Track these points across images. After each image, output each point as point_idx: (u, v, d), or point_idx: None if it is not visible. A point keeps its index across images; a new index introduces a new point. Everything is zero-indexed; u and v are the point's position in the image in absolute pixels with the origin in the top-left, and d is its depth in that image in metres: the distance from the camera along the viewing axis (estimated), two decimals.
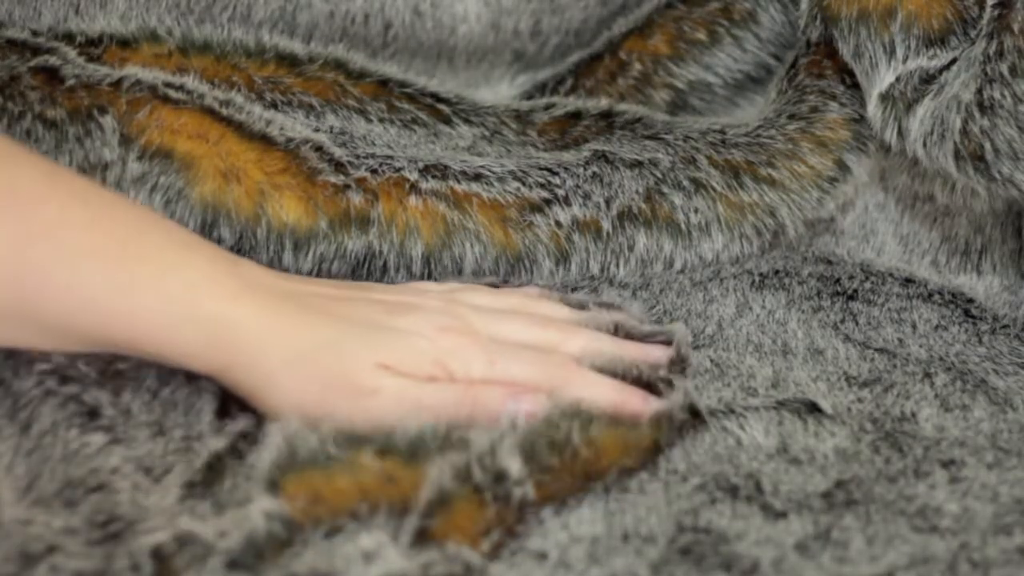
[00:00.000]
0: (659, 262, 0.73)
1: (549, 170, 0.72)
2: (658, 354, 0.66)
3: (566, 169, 0.72)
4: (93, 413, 0.61)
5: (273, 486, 0.56)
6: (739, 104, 0.84)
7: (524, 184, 0.72)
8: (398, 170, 0.70)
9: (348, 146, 0.71)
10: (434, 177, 0.71)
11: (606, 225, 0.72)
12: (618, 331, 0.68)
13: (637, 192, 0.72)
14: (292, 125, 0.70)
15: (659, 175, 0.73)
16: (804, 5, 0.76)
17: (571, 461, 0.59)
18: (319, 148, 0.70)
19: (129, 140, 0.67)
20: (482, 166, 0.72)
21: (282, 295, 0.62)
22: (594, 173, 0.73)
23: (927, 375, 0.69)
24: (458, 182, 0.71)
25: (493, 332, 0.65)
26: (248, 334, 0.60)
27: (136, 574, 0.54)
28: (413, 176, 0.70)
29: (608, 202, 0.72)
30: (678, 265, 0.73)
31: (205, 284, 0.60)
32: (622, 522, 0.58)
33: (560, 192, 0.72)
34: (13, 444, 0.59)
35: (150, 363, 0.64)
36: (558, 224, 0.71)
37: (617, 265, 0.72)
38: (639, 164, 0.73)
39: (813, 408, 0.66)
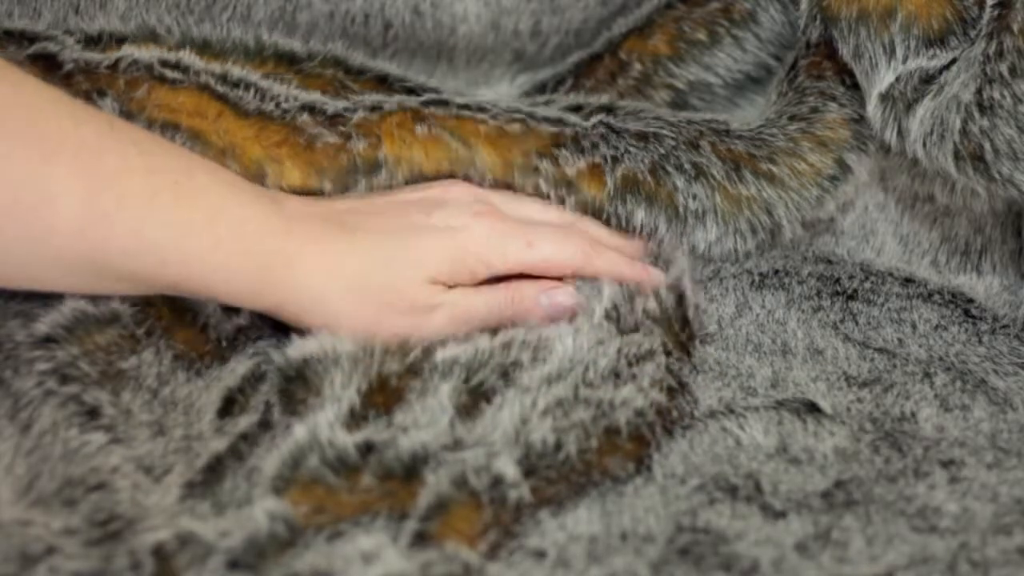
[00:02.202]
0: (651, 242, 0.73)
1: (556, 119, 0.73)
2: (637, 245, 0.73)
3: (572, 125, 0.73)
4: (93, 413, 0.61)
5: (277, 490, 0.57)
6: (739, 104, 0.84)
7: (531, 118, 0.73)
8: (399, 102, 0.71)
9: (347, 98, 0.72)
10: (436, 105, 0.72)
11: (609, 182, 0.72)
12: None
13: (643, 161, 0.73)
14: (286, 93, 0.71)
15: (663, 151, 0.73)
16: (804, 5, 0.76)
17: (567, 468, 0.60)
18: (312, 109, 0.71)
19: (131, 116, 0.68)
20: (486, 101, 0.73)
21: (323, 220, 0.65)
22: (601, 134, 0.73)
23: (927, 375, 0.69)
24: (461, 109, 0.72)
25: (519, 214, 0.70)
26: (300, 266, 0.63)
27: (137, 573, 0.54)
28: (414, 104, 0.71)
29: (614, 160, 0.72)
30: None
31: (253, 222, 0.63)
32: (620, 522, 0.58)
33: (568, 132, 0.73)
34: (13, 444, 0.59)
35: (150, 363, 0.64)
36: (563, 176, 0.72)
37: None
38: (644, 136, 0.73)
39: (813, 408, 0.66)
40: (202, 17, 0.75)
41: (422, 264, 0.66)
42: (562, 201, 0.72)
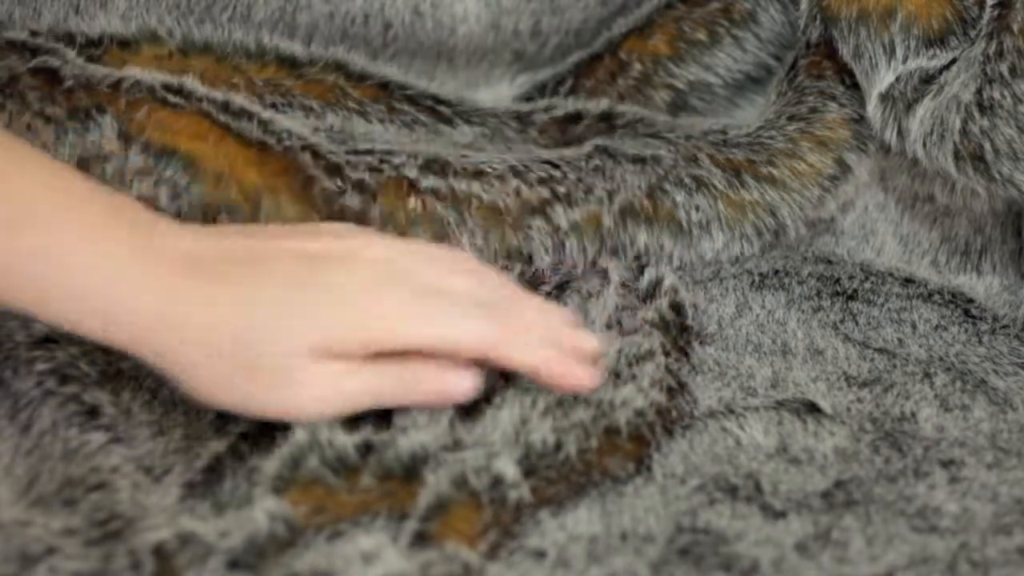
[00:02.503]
0: (658, 260, 0.73)
1: (551, 163, 0.72)
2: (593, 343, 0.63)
3: (568, 163, 0.72)
4: (93, 412, 0.61)
5: (277, 491, 0.57)
6: (739, 104, 0.84)
7: (525, 182, 0.71)
8: (397, 167, 0.70)
9: (347, 143, 0.71)
10: (434, 174, 0.71)
11: (607, 221, 0.72)
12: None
13: (639, 187, 0.72)
14: (290, 128, 0.70)
15: (661, 172, 0.73)
16: (804, 5, 0.76)
17: (567, 468, 0.60)
18: (315, 153, 0.69)
19: (129, 137, 0.68)
20: (483, 162, 0.72)
21: (191, 268, 0.58)
22: (596, 166, 0.72)
23: (927, 375, 0.69)
24: (458, 180, 0.71)
25: (440, 285, 0.61)
26: (162, 328, 0.57)
27: (137, 573, 0.54)
28: (412, 174, 0.70)
29: (611, 195, 0.72)
30: (677, 263, 0.73)
31: (113, 273, 0.57)
32: (620, 522, 0.58)
33: (561, 189, 0.72)
34: (13, 444, 0.59)
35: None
36: (557, 228, 0.71)
37: (612, 259, 0.72)
38: (642, 160, 0.73)
39: (813, 408, 0.66)
40: (202, 18, 0.75)
41: (304, 330, 0.57)
42: (561, 244, 0.71)
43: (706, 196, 0.73)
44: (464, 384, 0.60)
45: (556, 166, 0.72)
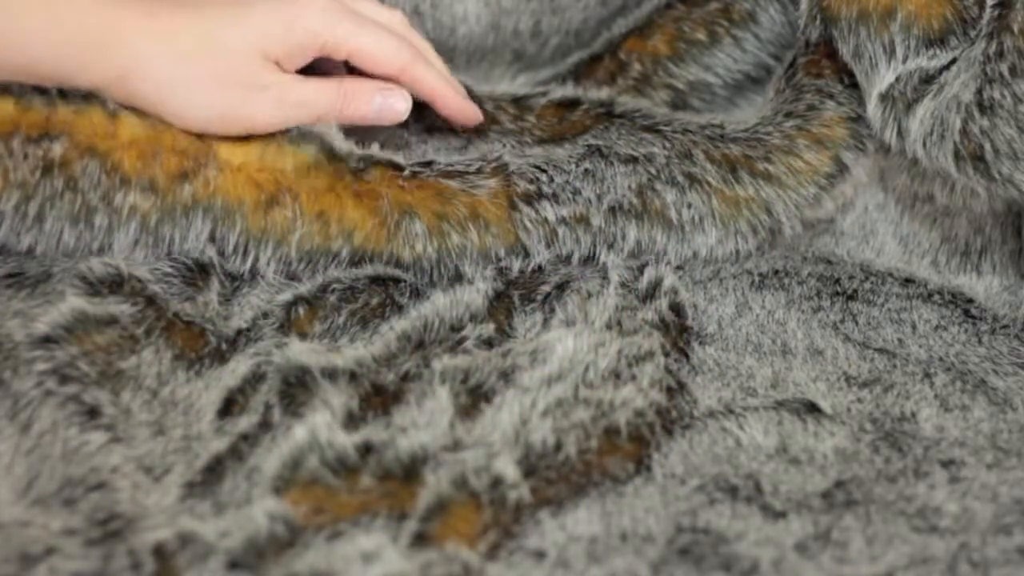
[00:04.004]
0: (651, 255, 0.73)
1: (538, 167, 0.72)
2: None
3: (555, 167, 0.72)
4: (93, 412, 0.61)
5: (277, 491, 0.57)
6: (739, 104, 0.84)
7: (508, 182, 0.72)
8: (388, 164, 0.71)
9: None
10: (421, 166, 0.72)
11: (596, 220, 0.72)
12: None
13: (629, 188, 0.72)
14: None
15: (653, 171, 0.73)
16: (804, 5, 0.76)
17: (567, 469, 0.60)
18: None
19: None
20: (468, 163, 0.72)
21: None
22: (586, 170, 0.72)
23: (927, 375, 0.69)
24: (442, 177, 0.71)
25: (356, 7, 0.72)
26: (134, 39, 0.65)
27: (137, 573, 0.54)
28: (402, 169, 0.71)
29: (599, 198, 0.72)
30: (672, 258, 0.73)
31: None
32: (620, 523, 0.58)
33: (547, 190, 0.72)
34: (13, 444, 0.59)
35: (150, 362, 0.64)
36: (545, 220, 0.71)
37: (609, 252, 0.72)
38: (634, 160, 0.73)
39: (812, 408, 0.66)
40: None
41: (254, 37, 0.67)
42: (554, 233, 0.72)
43: (699, 193, 0.73)
44: (399, 103, 0.71)
45: (543, 170, 0.72)
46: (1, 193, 0.66)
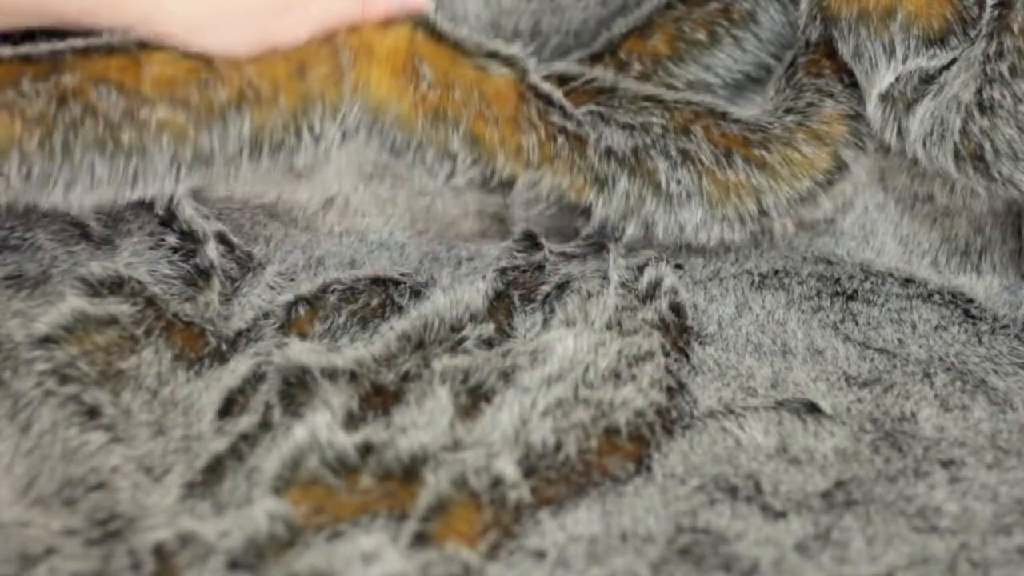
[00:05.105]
0: (639, 219, 0.73)
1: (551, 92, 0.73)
2: None
3: (560, 106, 0.73)
4: (93, 413, 0.61)
5: (277, 491, 0.57)
6: (739, 104, 0.83)
7: (524, 78, 0.72)
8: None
9: None
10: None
11: (591, 153, 0.72)
12: None
13: (625, 144, 0.73)
14: None
15: (649, 140, 0.73)
16: (804, 5, 0.76)
17: (567, 469, 0.60)
18: None
19: None
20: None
21: None
22: (590, 112, 0.73)
23: (927, 375, 0.69)
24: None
25: None
26: None
27: (137, 572, 0.54)
28: None
29: (597, 140, 0.73)
30: (660, 229, 0.73)
31: None
32: (620, 523, 0.58)
33: (556, 100, 0.72)
34: (13, 444, 0.59)
35: (150, 363, 0.64)
36: (549, 122, 0.72)
37: (599, 196, 0.72)
38: (631, 127, 0.73)
39: (813, 408, 0.66)
40: None
41: None
42: (553, 138, 0.72)
43: (690, 171, 0.73)
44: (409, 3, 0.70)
45: (550, 102, 0.73)
46: (22, 134, 0.64)
